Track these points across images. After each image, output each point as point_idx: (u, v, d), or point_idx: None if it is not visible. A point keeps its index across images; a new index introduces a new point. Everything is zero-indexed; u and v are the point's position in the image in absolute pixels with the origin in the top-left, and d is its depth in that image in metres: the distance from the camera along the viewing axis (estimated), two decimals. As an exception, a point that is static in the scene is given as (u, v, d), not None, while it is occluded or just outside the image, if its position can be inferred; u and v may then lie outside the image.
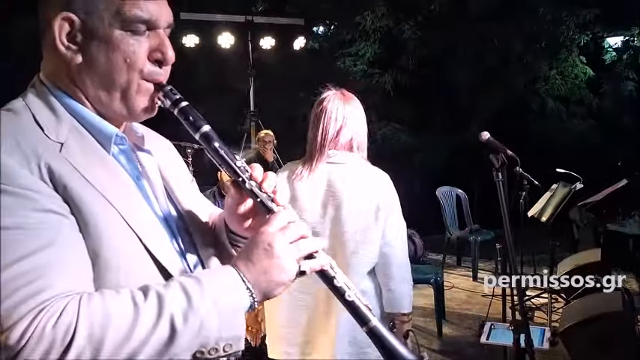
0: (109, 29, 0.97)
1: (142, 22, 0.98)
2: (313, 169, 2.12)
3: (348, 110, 2.16)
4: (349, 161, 2.13)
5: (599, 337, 3.56)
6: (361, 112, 2.21)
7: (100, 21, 0.97)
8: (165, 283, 0.92)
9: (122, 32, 0.97)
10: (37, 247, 0.85)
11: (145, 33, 1.00)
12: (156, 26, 1.01)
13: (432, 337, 4.48)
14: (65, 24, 0.97)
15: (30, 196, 0.87)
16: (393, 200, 2.14)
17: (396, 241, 2.10)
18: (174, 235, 1.09)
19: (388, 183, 2.16)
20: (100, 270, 0.92)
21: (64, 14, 0.96)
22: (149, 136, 1.16)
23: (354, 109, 2.19)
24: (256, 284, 0.94)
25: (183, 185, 1.21)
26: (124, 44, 0.97)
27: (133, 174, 1.06)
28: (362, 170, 2.14)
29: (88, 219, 0.91)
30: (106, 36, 0.97)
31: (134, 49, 0.98)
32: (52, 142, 0.94)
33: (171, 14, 1.04)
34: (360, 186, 2.10)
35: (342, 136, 2.13)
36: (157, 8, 1.00)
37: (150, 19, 0.99)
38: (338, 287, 1.00)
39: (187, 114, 1.03)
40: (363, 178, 2.12)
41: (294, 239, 0.98)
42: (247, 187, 1.03)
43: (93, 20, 0.97)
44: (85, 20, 0.97)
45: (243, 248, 1.00)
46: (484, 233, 6.16)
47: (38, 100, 1.00)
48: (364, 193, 2.09)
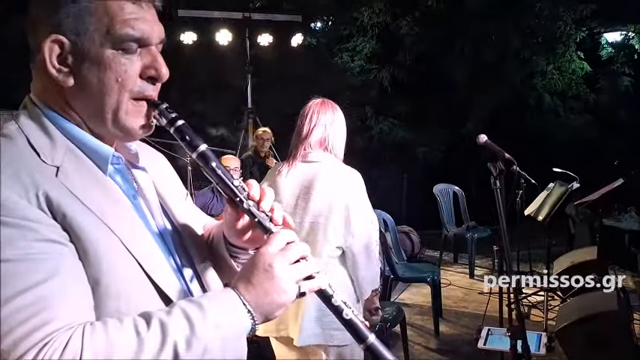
0: (100, 49, 0.95)
1: (134, 41, 0.97)
2: (291, 166, 2.39)
3: (323, 113, 2.38)
4: (324, 160, 2.35)
5: (595, 336, 3.59)
6: (338, 117, 2.42)
7: (91, 42, 0.95)
8: (168, 309, 0.92)
9: (114, 52, 0.96)
10: (39, 279, 0.84)
11: (137, 51, 0.98)
12: (148, 43, 1.00)
13: (429, 335, 4.50)
14: (55, 46, 0.95)
15: (30, 227, 0.86)
16: (361, 196, 2.35)
17: (361, 233, 2.29)
18: (170, 251, 1.09)
19: (358, 180, 2.36)
20: (100, 297, 0.91)
21: (53, 37, 0.95)
22: (143, 152, 1.15)
23: (331, 114, 2.40)
24: (257, 307, 0.94)
25: (177, 200, 1.21)
26: (116, 64, 0.96)
27: (129, 193, 1.05)
28: (334, 168, 2.36)
29: (87, 247, 0.91)
30: (98, 56, 0.96)
31: (126, 69, 0.97)
32: (48, 166, 0.93)
33: (162, 29, 1.03)
34: (330, 182, 2.31)
35: (314, 135, 2.35)
36: (147, 25, 0.99)
37: (141, 37, 0.98)
38: (336, 306, 1.00)
39: (184, 133, 1.02)
40: (334, 175, 2.33)
41: (294, 260, 0.97)
42: (245, 207, 1.03)
43: (83, 41, 0.95)
44: (76, 42, 0.95)
45: (244, 269, 1.00)
46: (481, 230, 6.17)
47: (32, 122, 0.98)
48: (333, 189, 2.30)
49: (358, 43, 9.98)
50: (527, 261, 5.51)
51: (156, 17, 1.02)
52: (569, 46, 9.53)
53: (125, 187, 1.06)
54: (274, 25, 8.01)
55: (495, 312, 4.01)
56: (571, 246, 6.30)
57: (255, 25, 7.88)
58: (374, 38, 9.92)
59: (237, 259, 1.19)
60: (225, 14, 7.71)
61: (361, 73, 10.10)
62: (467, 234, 6.11)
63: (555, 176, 4.97)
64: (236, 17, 7.73)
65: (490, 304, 4.14)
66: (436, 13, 9.40)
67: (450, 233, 6.33)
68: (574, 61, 9.57)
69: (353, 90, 10.02)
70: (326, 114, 2.38)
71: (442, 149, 9.98)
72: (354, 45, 10.05)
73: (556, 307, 4.58)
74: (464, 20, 9.26)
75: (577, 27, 9.32)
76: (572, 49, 9.57)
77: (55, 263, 0.87)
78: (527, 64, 9.71)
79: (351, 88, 10.02)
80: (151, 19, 1.00)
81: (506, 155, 2.95)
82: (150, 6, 1.01)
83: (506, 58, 9.64)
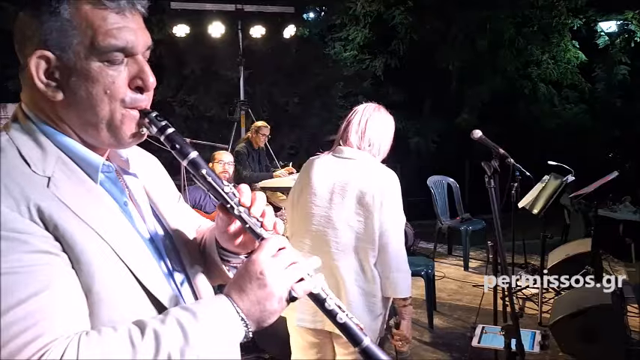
0: (86, 62, 0.95)
1: (119, 51, 0.96)
2: (327, 160, 2.40)
3: (365, 113, 2.40)
4: (359, 157, 2.35)
5: (588, 329, 3.60)
6: (380, 116, 2.41)
7: (76, 55, 0.95)
8: (162, 317, 0.92)
9: (100, 64, 0.95)
10: (33, 291, 0.85)
11: (124, 61, 0.98)
12: (134, 52, 0.99)
13: (422, 328, 4.49)
14: (42, 62, 0.95)
15: (22, 239, 0.87)
16: (394, 195, 2.31)
17: (393, 232, 2.25)
18: (161, 255, 1.09)
19: (392, 179, 2.34)
20: (92, 305, 0.92)
21: (39, 52, 0.95)
22: (134, 157, 1.15)
23: (372, 112, 2.41)
24: (250, 314, 0.96)
25: (169, 204, 1.21)
26: (103, 76, 0.96)
27: (119, 200, 1.06)
28: (370, 166, 2.34)
29: (79, 256, 0.91)
30: (84, 70, 0.95)
31: (113, 80, 0.96)
32: (39, 177, 0.94)
33: (148, 36, 1.02)
34: (365, 179, 2.29)
35: (352, 132, 2.37)
36: (132, 34, 0.97)
37: (126, 47, 0.97)
38: (329, 310, 1.01)
39: (174, 141, 1.02)
40: (369, 173, 2.31)
41: (285, 266, 0.98)
42: (236, 213, 1.04)
43: (68, 55, 0.95)
44: (61, 56, 0.95)
45: (236, 277, 1.00)
46: (475, 222, 6.16)
47: (23, 133, 0.99)
48: (368, 186, 2.27)
49: (351, 32, 9.92)
50: (522, 253, 5.50)
51: (141, 24, 1.01)
52: (565, 35, 9.49)
53: (116, 194, 1.06)
54: (267, 16, 7.95)
55: (489, 305, 4.02)
56: (566, 236, 6.34)
57: (248, 16, 7.82)
58: (367, 27, 9.86)
59: (228, 263, 1.20)
60: (217, 6, 7.64)
61: (354, 63, 10.05)
62: (461, 227, 6.09)
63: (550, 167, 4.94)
64: (229, 9, 7.66)
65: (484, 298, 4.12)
66: (430, 1, 9.35)
67: (444, 226, 6.32)
68: (569, 50, 9.54)
69: (346, 80, 9.99)
70: (367, 113, 2.39)
71: (435, 139, 9.96)
72: (347, 34, 9.99)
73: (551, 300, 4.58)
74: (458, 9, 9.21)
75: (573, 15, 9.27)
76: (567, 39, 9.53)
77: (48, 274, 0.87)
78: (522, 54, 9.68)
79: (344, 79, 9.99)
80: (136, 26, 0.99)
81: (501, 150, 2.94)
82: (134, 12, 0.99)
83: (501, 47, 9.61)
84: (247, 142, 6.35)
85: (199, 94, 9.05)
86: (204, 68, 8.94)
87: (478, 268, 6.05)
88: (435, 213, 6.38)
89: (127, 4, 0.97)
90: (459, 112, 9.65)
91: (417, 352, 4.09)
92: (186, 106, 8.99)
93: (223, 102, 9.04)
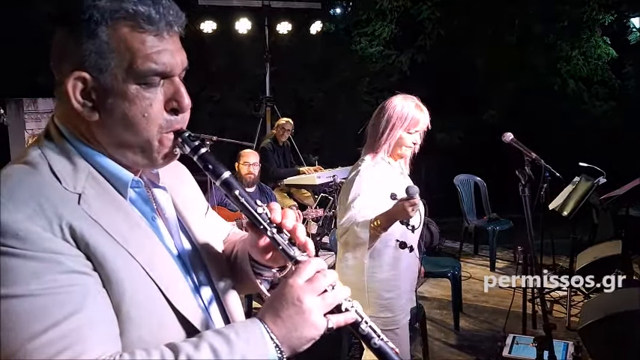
0: (123, 85, 0.95)
1: (157, 75, 0.96)
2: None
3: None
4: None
5: (617, 335, 3.54)
6: (384, 107, 2.57)
7: (113, 78, 0.95)
8: (195, 341, 0.92)
9: (137, 87, 0.95)
10: (68, 312, 0.85)
11: (161, 83, 0.98)
12: (171, 75, 0.98)
13: (448, 330, 4.47)
14: (78, 83, 0.95)
15: (55, 259, 0.87)
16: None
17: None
18: (188, 271, 1.10)
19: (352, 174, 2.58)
20: (122, 324, 0.92)
21: (76, 73, 0.95)
22: (164, 168, 1.13)
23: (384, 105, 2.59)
24: (285, 340, 0.94)
25: (198, 217, 1.21)
26: (140, 98, 0.96)
27: (148, 215, 1.06)
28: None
29: (110, 275, 0.92)
30: (121, 92, 0.95)
31: (150, 102, 0.96)
32: (70, 193, 0.94)
33: (185, 57, 1.01)
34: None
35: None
36: (170, 57, 0.97)
37: (165, 71, 0.97)
38: (364, 334, 1.00)
39: (207, 161, 1.02)
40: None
41: (322, 291, 0.96)
42: (269, 234, 1.03)
43: (106, 78, 0.95)
44: (98, 78, 0.95)
45: (271, 300, 0.98)
46: (502, 222, 6.09)
47: (54, 148, 0.99)
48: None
49: (377, 27, 9.85)
50: (550, 254, 5.42)
51: (178, 44, 1.01)
52: (596, 30, 9.30)
53: (144, 209, 1.07)
54: (293, 12, 7.96)
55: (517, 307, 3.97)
56: (594, 235, 6.22)
57: (275, 13, 7.83)
58: (393, 22, 9.78)
59: (260, 276, 1.20)
60: (244, 2, 7.67)
61: (380, 58, 9.98)
62: (488, 226, 6.02)
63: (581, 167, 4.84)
64: (255, 6, 7.69)
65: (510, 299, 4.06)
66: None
67: (470, 225, 6.25)
68: (600, 46, 9.34)
69: (372, 76, 9.93)
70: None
71: (462, 136, 9.86)
72: (373, 29, 9.92)
73: (579, 303, 4.52)
74: (486, 4, 9.07)
75: (604, 11, 9.07)
76: (597, 34, 9.33)
77: (82, 295, 0.88)
78: (551, 49, 9.51)
79: (370, 74, 9.93)
80: (174, 48, 0.99)
81: (533, 154, 2.92)
82: (172, 34, 0.98)
83: (530, 42, 9.45)
84: (272, 138, 6.39)
85: (225, 91, 9.09)
86: (230, 64, 8.98)
87: (505, 268, 5.98)
88: (462, 212, 6.32)
89: (165, 27, 0.96)
90: (485, 109, 9.52)
91: (442, 354, 4.07)
92: (212, 102, 9.04)
93: (249, 98, 9.06)
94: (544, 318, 2.45)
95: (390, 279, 2.45)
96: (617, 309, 3.60)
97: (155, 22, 0.95)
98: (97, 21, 0.93)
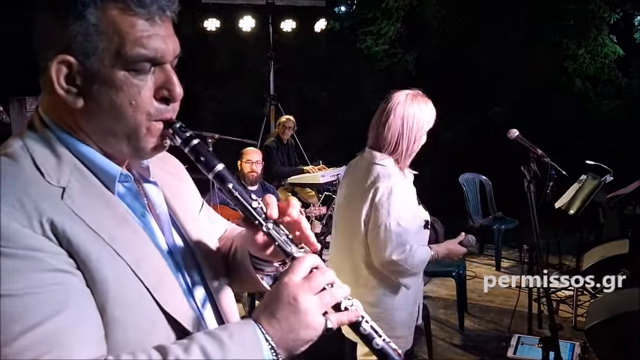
0: (111, 70, 0.89)
1: (147, 61, 0.91)
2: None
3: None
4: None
5: (623, 335, 3.50)
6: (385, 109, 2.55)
7: (100, 63, 0.89)
8: (186, 343, 0.87)
9: (125, 73, 0.90)
10: (49, 313, 0.80)
11: (151, 70, 0.92)
12: (162, 62, 0.93)
13: (453, 330, 4.43)
14: (63, 67, 0.90)
15: (36, 257, 0.82)
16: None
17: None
18: (180, 270, 1.04)
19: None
20: (106, 326, 0.87)
21: (60, 57, 0.89)
22: (155, 163, 1.09)
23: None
24: (281, 342, 0.89)
25: (191, 213, 1.15)
26: (128, 85, 0.90)
27: (137, 211, 1.01)
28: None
29: (94, 274, 0.86)
30: (108, 78, 0.90)
31: (139, 90, 0.91)
32: (53, 187, 0.89)
33: (177, 43, 0.96)
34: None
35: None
36: (161, 43, 0.92)
37: (155, 57, 0.91)
38: (365, 334, 0.95)
39: (199, 153, 0.97)
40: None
41: (320, 289, 0.91)
42: (265, 230, 0.99)
43: (92, 62, 0.89)
44: (84, 62, 0.89)
45: (266, 300, 0.93)
46: (508, 221, 6.03)
47: (38, 140, 0.93)
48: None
49: (382, 26, 9.81)
50: (556, 253, 5.37)
51: (171, 30, 0.95)
52: (602, 29, 9.23)
53: (134, 204, 1.02)
54: (297, 10, 7.92)
55: (522, 307, 3.93)
56: (600, 234, 6.16)
57: (279, 10, 7.81)
58: (399, 21, 9.74)
59: (262, 272, 1.15)
60: (248, 0, 7.64)
61: (385, 57, 9.95)
62: (493, 225, 5.97)
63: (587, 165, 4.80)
64: (259, 3, 7.66)
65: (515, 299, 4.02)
66: (463, -6, 9.19)
67: (475, 224, 6.20)
68: (607, 45, 9.28)
69: (377, 75, 9.90)
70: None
71: (467, 134, 9.81)
72: (378, 28, 9.88)
73: (586, 303, 4.47)
74: (491, 2, 9.02)
75: (610, 9, 9.01)
76: (604, 33, 9.27)
77: (64, 294, 0.83)
78: (557, 48, 9.45)
79: (375, 73, 9.89)
80: (165, 33, 0.93)
81: (539, 151, 2.89)
82: (164, 19, 0.93)
83: (536, 41, 9.39)
84: (276, 137, 6.36)
85: (229, 89, 9.08)
86: (234, 63, 8.97)
87: (510, 268, 5.93)
88: (467, 210, 6.28)
89: (157, 10, 0.91)
90: (491, 107, 9.47)
91: (446, 355, 4.03)
92: (216, 100, 9.03)
93: (253, 96, 9.05)
94: (550, 318, 2.40)
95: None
96: (623, 309, 3.55)
97: (147, 6, 0.90)
98: (85, 2, 0.88)
